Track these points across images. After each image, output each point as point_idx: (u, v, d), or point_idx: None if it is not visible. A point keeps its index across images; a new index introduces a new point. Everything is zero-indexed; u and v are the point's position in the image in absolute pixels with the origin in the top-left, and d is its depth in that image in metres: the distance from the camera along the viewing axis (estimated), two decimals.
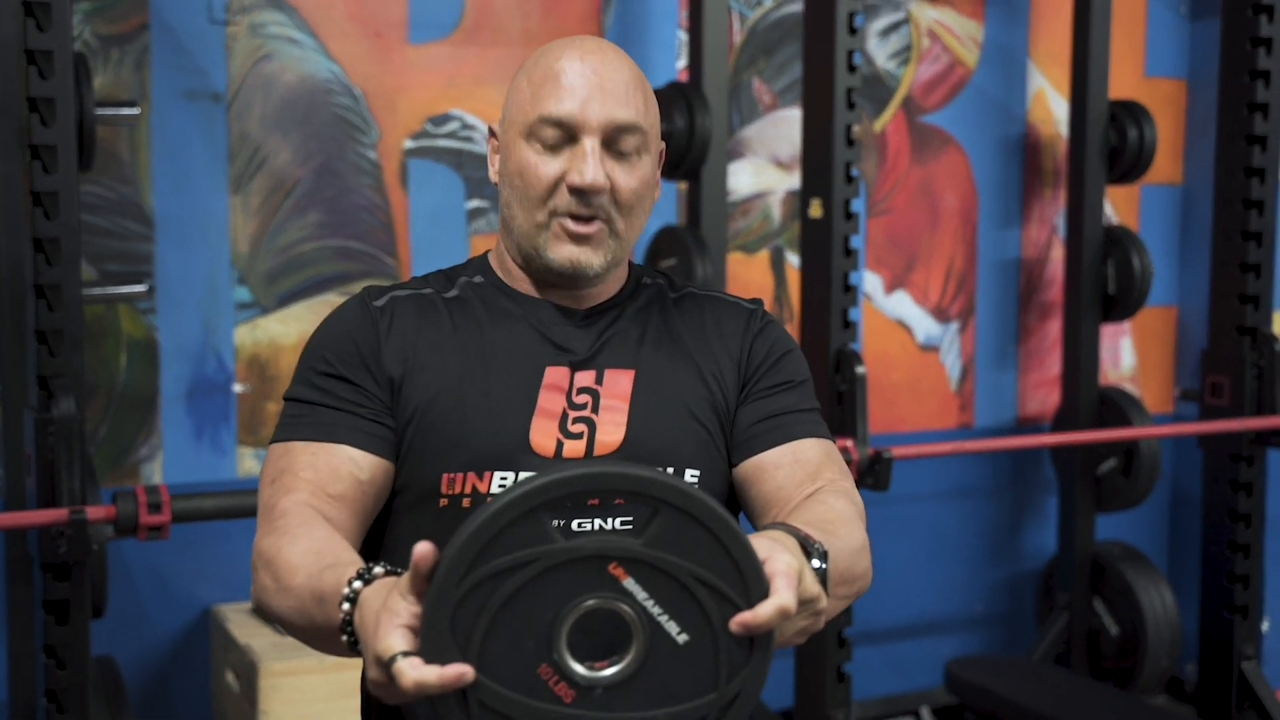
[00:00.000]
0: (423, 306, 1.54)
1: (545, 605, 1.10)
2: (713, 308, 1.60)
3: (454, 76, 3.60)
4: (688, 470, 1.49)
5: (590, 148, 1.46)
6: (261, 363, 3.45)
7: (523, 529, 1.10)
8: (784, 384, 1.55)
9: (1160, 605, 4.12)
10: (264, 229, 3.43)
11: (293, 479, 1.43)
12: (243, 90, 3.38)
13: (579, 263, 1.49)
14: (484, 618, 1.09)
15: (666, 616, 1.11)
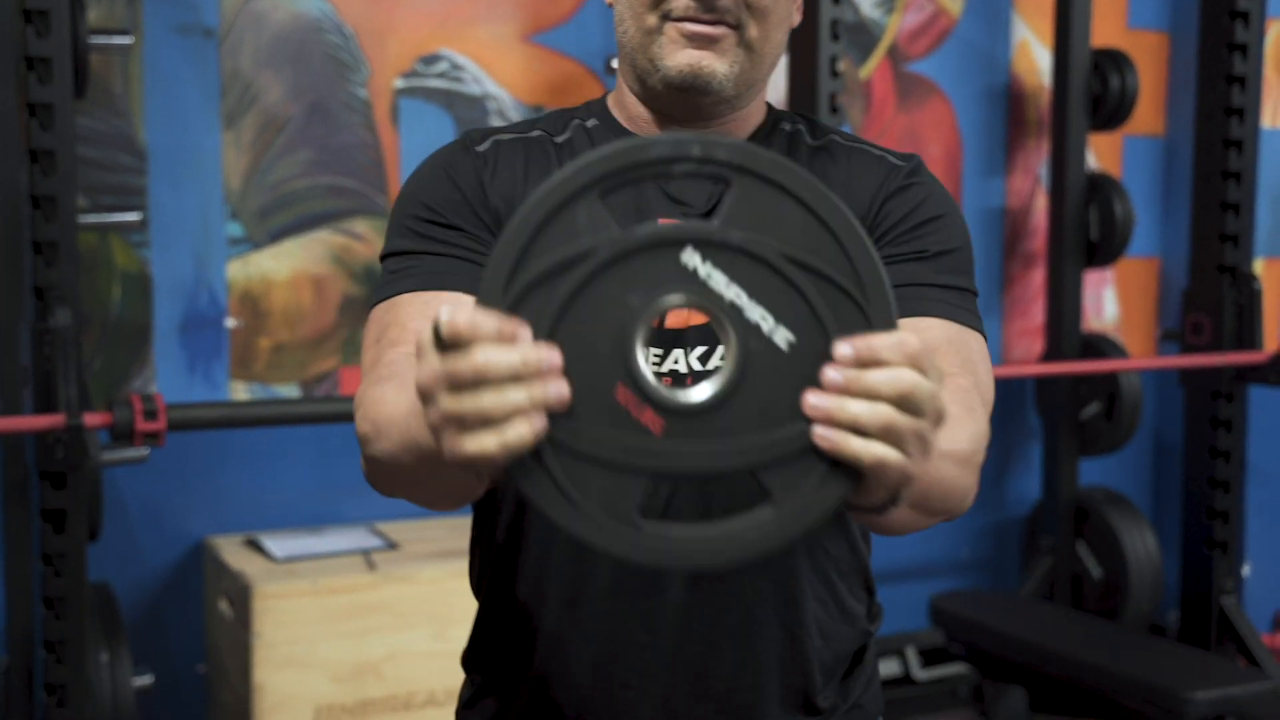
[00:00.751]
0: (530, 150, 1.37)
1: (610, 312, 0.91)
2: (853, 160, 1.37)
3: (444, 16, 3.63)
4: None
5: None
6: (254, 298, 3.48)
7: (568, 221, 0.91)
8: (916, 254, 1.31)
9: (1143, 549, 4.17)
10: (256, 165, 3.47)
11: (399, 331, 1.26)
12: (235, 27, 3.42)
13: (701, 69, 1.28)
14: (538, 335, 0.90)
15: (764, 313, 0.92)
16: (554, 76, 3.77)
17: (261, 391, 3.50)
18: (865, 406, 0.91)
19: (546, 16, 3.75)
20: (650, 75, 1.30)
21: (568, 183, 0.90)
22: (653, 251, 0.91)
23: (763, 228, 0.91)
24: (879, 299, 0.92)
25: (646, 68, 1.30)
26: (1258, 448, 4.35)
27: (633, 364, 0.91)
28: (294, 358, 3.53)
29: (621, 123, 1.38)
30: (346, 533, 3.48)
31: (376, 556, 3.27)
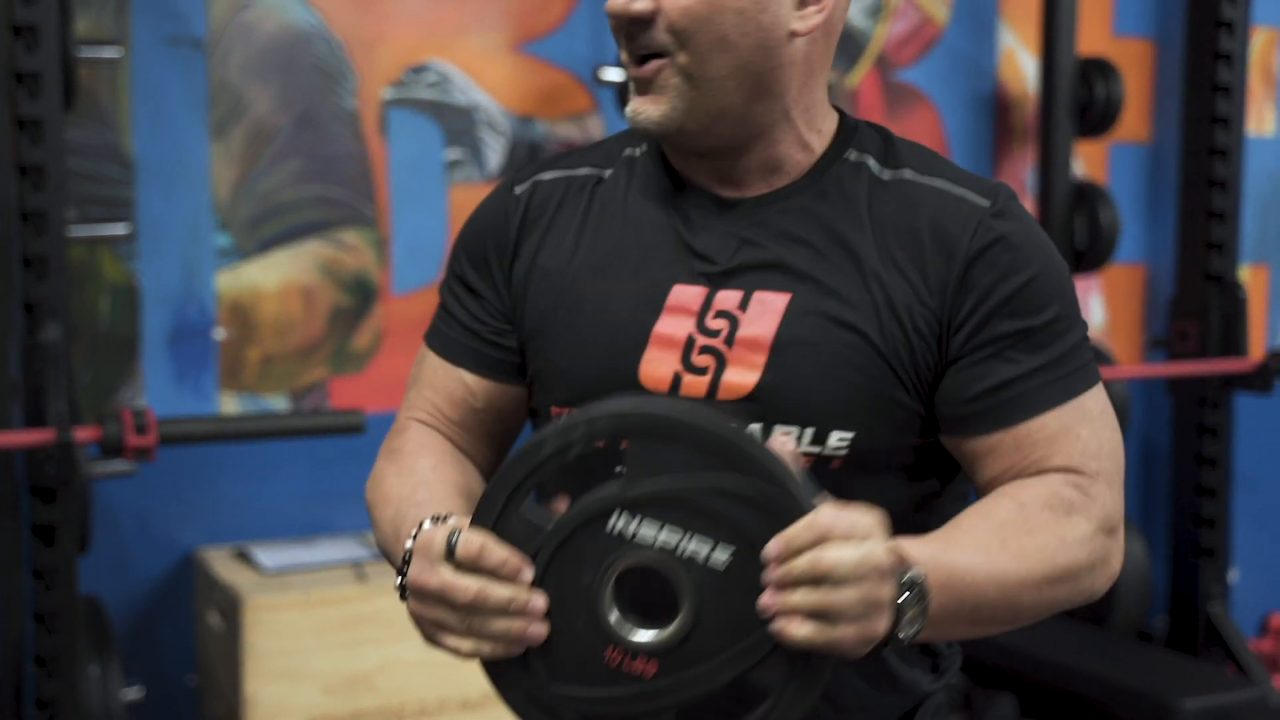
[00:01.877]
0: (567, 194, 1.30)
1: (573, 591, 1.04)
2: (929, 205, 1.21)
3: (433, 26, 3.63)
4: (834, 434, 1.18)
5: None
6: (243, 309, 3.48)
7: (514, 524, 1.05)
8: (1012, 335, 1.18)
9: (1130, 556, 4.18)
10: (245, 176, 3.46)
11: (417, 395, 1.36)
12: (223, 37, 3.41)
13: (638, 118, 1.20)
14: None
15: (696, 544, 1.02)
16: (543, 86, 3.77)
17: (251, 402, 3.50)
18: (799, 595, 1.00)
19: (535, 26, 3.75)
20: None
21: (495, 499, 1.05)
22: (585, 529, 1.03)
23: (666, 469, 1.01)
24: (786, 494, 1.01)
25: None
26: (1244, 454, 4.36)
27: (609, 630, 1.03)
28: (283, 368, 3.53)
29: (667, 153, 1.29)
30: (337, 543, 3.48)
31: (367, 568, 3.27)
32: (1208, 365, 3.72)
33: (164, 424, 2.48)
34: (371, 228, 3.59)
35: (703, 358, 1.20)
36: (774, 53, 1.20)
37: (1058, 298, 1.21)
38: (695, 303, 1.22)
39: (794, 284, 1.20)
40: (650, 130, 1.21)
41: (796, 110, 1.23)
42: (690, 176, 1.27)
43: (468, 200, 3.69)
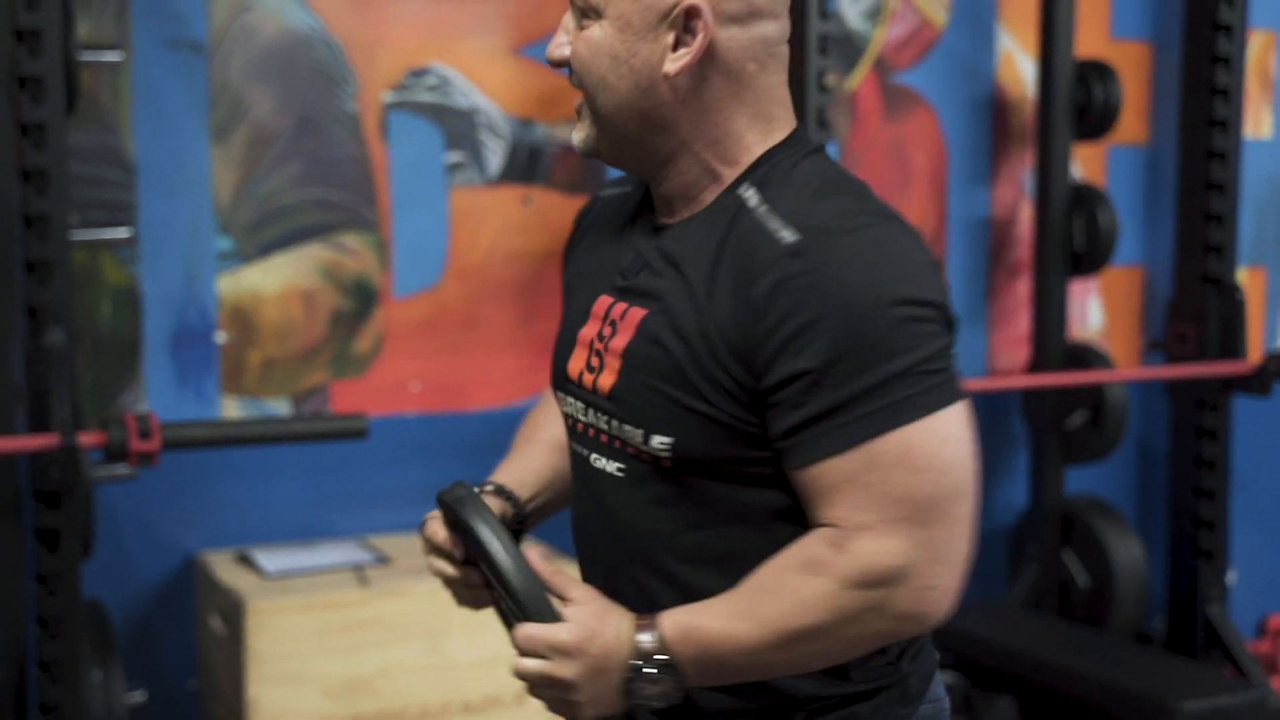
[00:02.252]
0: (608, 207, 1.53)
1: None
2: (751, 240, 1.28)
3: (433, 30, 3.64)
4: (656, 437, 1.32)
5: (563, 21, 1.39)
6: (244, 312, 3.48)
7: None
8: (795, 377, 1.22)
9: (1129, 557, 4.20)
10: (246, 179, 3.47)
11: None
12: (224, 41, 3.41)
13: (572, 140, 1.44)
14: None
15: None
16: (543, 89, 3.77)
17: (253, 406, 3.50)
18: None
19: (534, 28, 3.76)
20: None
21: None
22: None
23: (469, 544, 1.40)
24: (522, 601, 1.31)
25: None
26: (1241, 454, 4.37)
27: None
28: (284, 372, 3.53)
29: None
30: (338, 547, 3.48)
31: (369, 571, 3.27)
32: (1206, 368, 3.74)
33: (167, 428, 2.48)
34: (373, 231, 3.60)
35: (594, 359, 1.39)
36: (650, 92, 1.33)
37: (846, 339, 1.21)
38: (602, 311, 1.40)
39: (652, 303, 1.35)
40: (579, 151, 1.42)
41: (699, 144, 1.35)
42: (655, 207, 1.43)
43: (468, 203, 3.70)
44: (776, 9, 1.36)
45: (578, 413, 1.43)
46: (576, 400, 1.43)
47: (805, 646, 1.26)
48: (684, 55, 1.31)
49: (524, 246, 3.76)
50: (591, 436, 1.41)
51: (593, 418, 1.41)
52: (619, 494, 1.39)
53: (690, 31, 1.31)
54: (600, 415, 1.39)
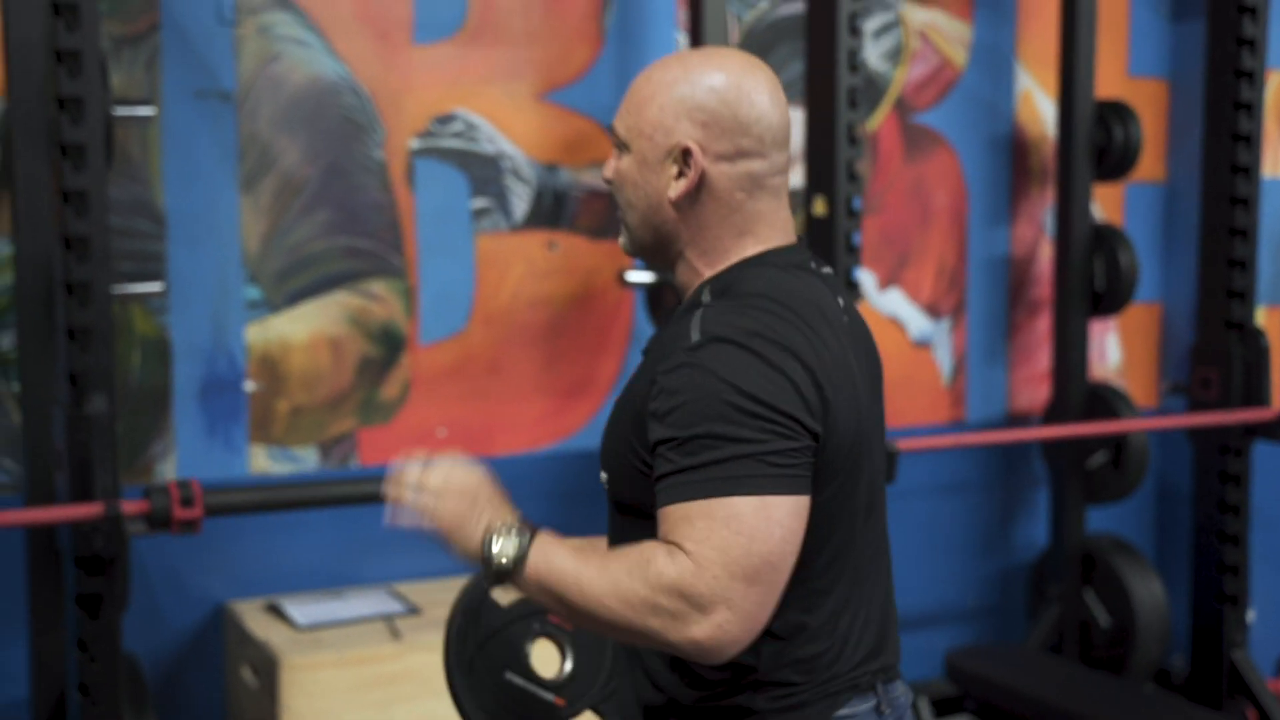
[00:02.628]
0: None
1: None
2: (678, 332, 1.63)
3: (458, 76, 3.64)
4: (603, 471, 1.71)
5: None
6: (272, 361, 3.48)
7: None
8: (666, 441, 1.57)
9: (1150, 596, 4.20)
10: (274, 228, 3.47)
11: None
12: (252, 90, 3.42)
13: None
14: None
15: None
16: (567, 134, 3.78)
17: (281, 455, 3.50)
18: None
19: (559, 74, 3.76)
20: None
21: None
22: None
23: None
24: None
25: None
26: (1261, 493, 4.39)
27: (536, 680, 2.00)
28: (312, 420, 3.53)
29: None
30: (367, 596, 3.48)
31: (399, 623, 3.27)
32: (1230, 415, 3.74)
33: (209, 494, 2.48)
34: (400, 278, 3.60)
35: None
36: (659, 210, 1.69)
37: (704, 422, 1.53)
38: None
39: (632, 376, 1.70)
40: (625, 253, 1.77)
41: (692, 252, 1.70)
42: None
43: (494, 249, 3.70)
44: (765, 150, 1.66)
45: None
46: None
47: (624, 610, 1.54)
48: (681, 184, 1.66)
49: (549, 291, 3.77)
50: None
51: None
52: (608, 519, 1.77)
53: (686, 164, 1.65)
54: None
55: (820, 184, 3.23)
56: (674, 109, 1.65)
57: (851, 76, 3.18)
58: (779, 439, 1.53)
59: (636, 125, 1.67)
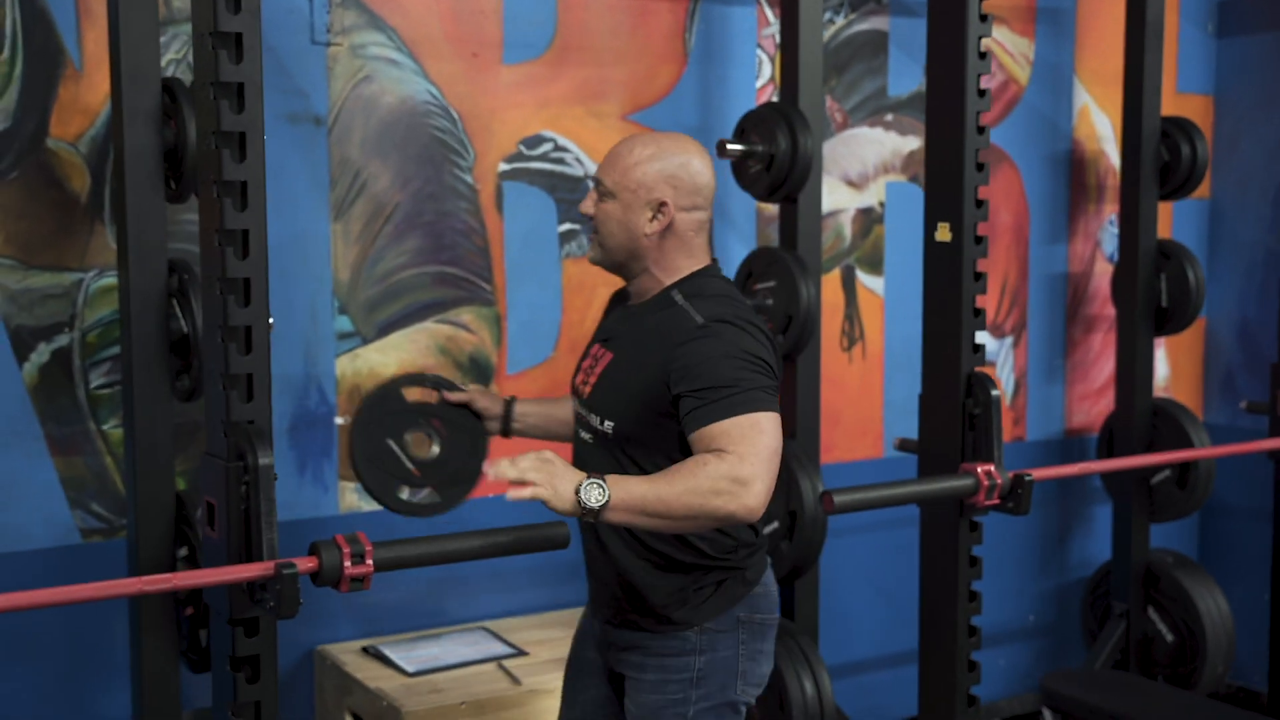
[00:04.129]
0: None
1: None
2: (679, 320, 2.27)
3: (546, 98, 3.52)
4: (608, 420, 2.32)
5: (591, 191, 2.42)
6: (362, 394, 3.34)
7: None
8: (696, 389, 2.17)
9: (1218, 612, 4.20)
10: (364, 256, 3.33)
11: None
12: (343, 113, 3.27)
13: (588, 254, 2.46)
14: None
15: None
16: None
17: None
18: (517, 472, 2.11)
19: (644, 95, 3.66)
20: None
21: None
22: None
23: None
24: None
25: None
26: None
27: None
28: None
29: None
30: (463, 637, 3.36)
31: (511, 665, 3.15)
32: None
33: (379, 549, 2.35)
34: (489, 305, 3.47)
35: (582, 376, 2.44)
36: (635, 240, 2.34)
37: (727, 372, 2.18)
38: (593, 351, 2.45)
39: (617, 349, 2.37)
40: (590, 261, 2.43)
41: (655, 268, 2.37)
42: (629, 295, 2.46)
43: (580, 274, 3.59)
44: (706, 205, 2.37)
45: (577, 405, 2.44)
46: (576, 399, 2.46)
47: (695, 498, 2.08)
48: (656, 225, 2.34)
49: None
50: (582, 419, 2.42)
51: (582, 409, 2.41)
52: (586, 452, 2.40)
53: (661, 212, 2.33)
54: (584, 407, 2.40)
55: (944, 210, 3.16)
56: (654, 175, 2.32)
57: (979, 100, 3.11)
58: (768, 379, 2.21)
59: (623, 182, 2.33)
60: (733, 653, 2.39)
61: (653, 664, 2.39)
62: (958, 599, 3.20)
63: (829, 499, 2.83)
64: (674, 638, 2.38)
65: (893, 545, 4.06)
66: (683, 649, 2.37)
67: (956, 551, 3.19)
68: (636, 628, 2.40)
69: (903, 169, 4.10)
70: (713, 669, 2.38)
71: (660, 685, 2.38)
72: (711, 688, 2.38)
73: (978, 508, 3.10)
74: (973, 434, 3.16)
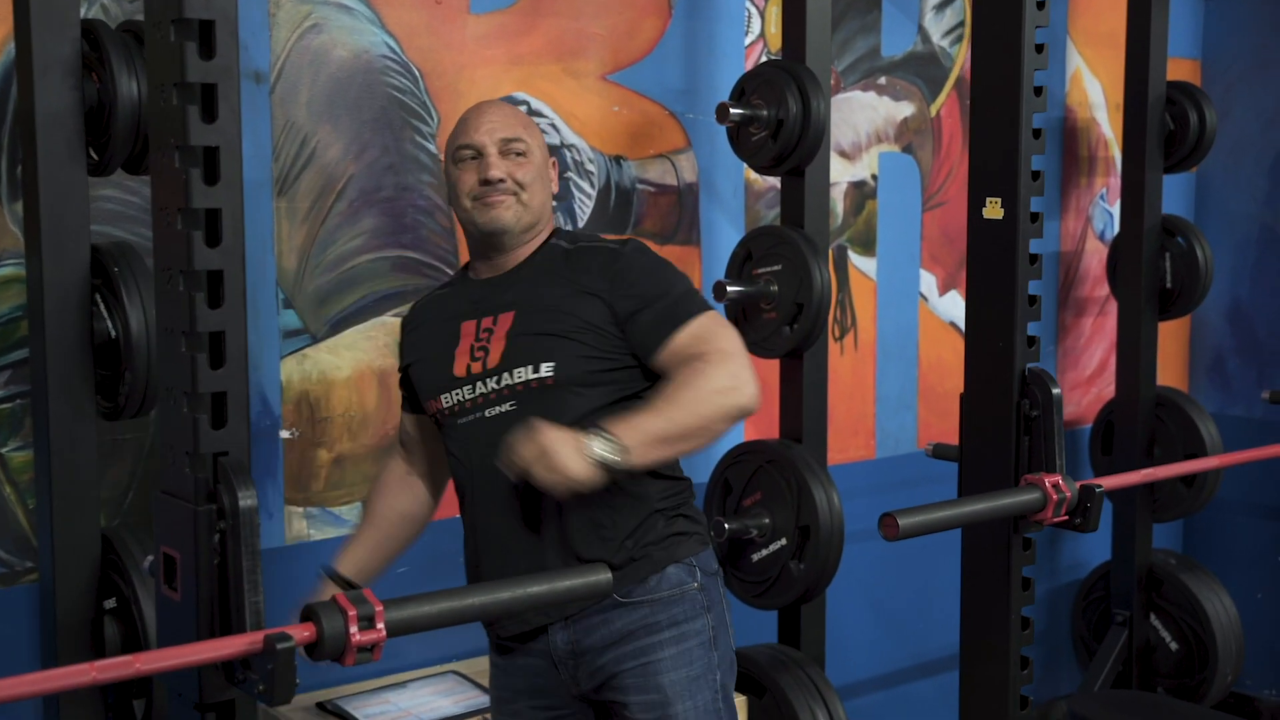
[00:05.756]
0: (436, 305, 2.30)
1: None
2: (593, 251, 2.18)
3: (518, 54, 3.03)
4: (544, 363, 2.10)
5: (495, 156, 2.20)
6: (311, 403, 2.82)
7: None
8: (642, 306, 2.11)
9: (1226, 617, 3.90)
10: (312, 239, 2.81)
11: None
12: (287, 68, 2.74)
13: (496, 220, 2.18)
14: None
15: None
16: (634, 121, 3.21)
17: (322, 517, 2.85)
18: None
19: (626, 51, 3.19)
20: (474, 233, 2.22)
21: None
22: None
23: None
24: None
25: (471, 229, 2.22)
26: None
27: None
28: (357, 471, 2.89)
29: (467, 273, 2.30)
30: (432, 684, 2.88)
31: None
32: None
33: (390, 609, 1.86)
34: None
35: (478, 352, 2.16)
36: (547, 202, 2.24)
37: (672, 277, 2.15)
38: (471, 329, 2.19)
39: (516, 307, 2.16)
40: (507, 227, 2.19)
41: (544, 227, 2.25)
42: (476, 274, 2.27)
43: None
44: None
45: (464, 396, 2.16)
46: (462, 388, 2.16)
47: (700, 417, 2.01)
48: (555, 184, 2.28)
49: None
50: (480, 403, 2.15)
51: (482, 388, 2.15)
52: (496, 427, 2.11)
53: (554, 170, 2.28)
54: (489, 380, 2.14)
55: (993, 183, 2.76)
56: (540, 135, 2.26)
57: (1036, 57, 2.72)
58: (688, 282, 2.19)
59: (536, 140, 2.23)
60: (719, 603, 2.24)
61: (669, 637, 2.15)
62: (1010, 628, 2.81)
63: (892, 523, 2.40)
64: (679, 602, 2.16)
65: (879, 555, 3.67)
66: (691, 612, 2.17)
67: (1009, 573, 2.80)
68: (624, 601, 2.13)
69: (896, 138, 3.69)
70: (720, 625, 2.23)
71: (683, 658, 2.15)
72: (723, 647, 2.22)
73: (1036, 524, 2.71)
74: (1028, 439, 2.77)
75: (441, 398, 2.18)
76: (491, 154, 2.16)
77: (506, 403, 2.11)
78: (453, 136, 2.22)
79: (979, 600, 2.87)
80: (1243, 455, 3.33)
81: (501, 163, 2.16)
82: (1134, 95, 3.81)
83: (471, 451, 2.16)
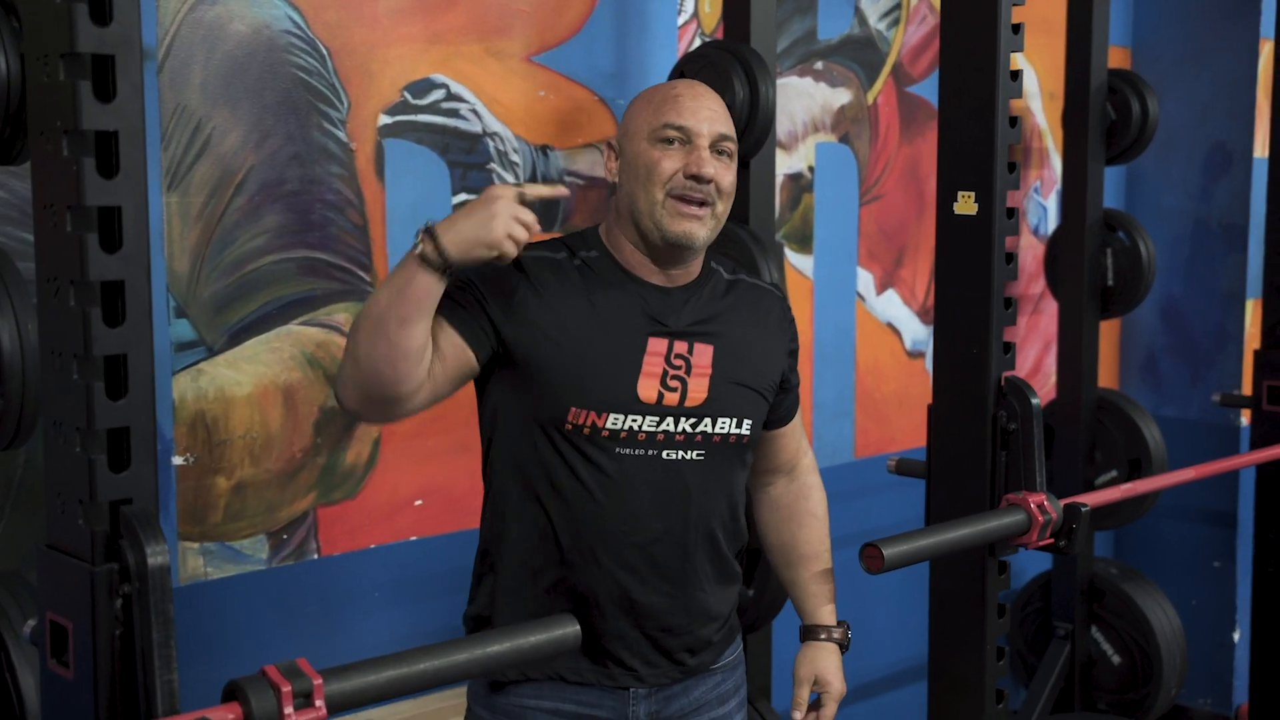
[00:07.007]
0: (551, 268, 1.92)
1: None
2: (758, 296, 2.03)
3: (437, 31, 2.73)
4: (746, 420, 1.94)
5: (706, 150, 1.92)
6: (208, 424, 2.49)
7: None
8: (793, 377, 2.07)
9: (1169, 628, 3.75)
10: (208, 239, 2.47)
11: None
12: (177, 44, 2.41)
13: (690, 234, 1.89)
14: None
15: None
16: (561, 107, 2.93)
17: (221, 552, 2.53)
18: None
19: (552, 31, 2.90)
20: (652, 234, 1.90)
21: None
22: None
23: None
24: None
25: (650, 228, 1.90)
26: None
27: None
28: (260, 499, 2.57)
29: (619, 261, 1.95)
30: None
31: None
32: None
33: (330, 678, 1.56)
34: None
35: (673, 382, 1.90)
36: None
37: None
38: (663, 349, 1.91)
39: (714, 340, 1.94)
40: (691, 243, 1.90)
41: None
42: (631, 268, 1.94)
43: None
44: None
45: (642, 425, 1.88)
46: (645, 416, 1.88)
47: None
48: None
49: None
50: (661, 440, 1.89)
51: (671, 425, 1.89)
52: (696, 475, 1.91)
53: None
54: (684, 420, 1.89)
55: (965, 176, 2.52)
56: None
57: (1013, 39, 2.49)
58: None
59: (736, 140, 1.97)
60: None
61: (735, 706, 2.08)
62: (985, 659, 2.58)
63: (876, 554, 2.15)
64: (738, 667, 2.09)
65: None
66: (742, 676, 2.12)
67: (984, 600, 2.57)
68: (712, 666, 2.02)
69: (833, 127, 3.45)
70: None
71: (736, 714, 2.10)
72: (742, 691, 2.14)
73: (1013, 547, 2.49)
74: (1006, 454, 2.54)
75: (609, 416, 1.87)
76: (704, 146, 1.90)
77: (695, 450, 1.91)
78: (655, 109, 1.91)
79: (949, 629, 2.64)
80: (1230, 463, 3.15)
81: (713, 160, 1.90)
82: (1075, 84, 3.62)
83: (625, 490, 1.88)
